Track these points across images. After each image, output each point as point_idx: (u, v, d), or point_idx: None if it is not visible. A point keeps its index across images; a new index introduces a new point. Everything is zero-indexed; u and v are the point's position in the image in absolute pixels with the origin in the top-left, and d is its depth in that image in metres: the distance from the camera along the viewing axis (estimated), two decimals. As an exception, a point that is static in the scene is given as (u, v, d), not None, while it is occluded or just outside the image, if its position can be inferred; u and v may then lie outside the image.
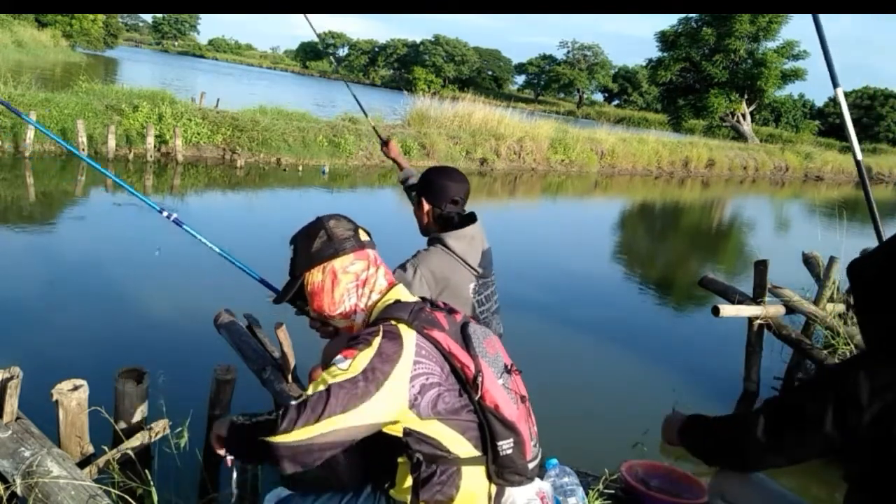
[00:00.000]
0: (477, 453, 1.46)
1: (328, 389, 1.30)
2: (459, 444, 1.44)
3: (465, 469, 1.45)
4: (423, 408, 1.38)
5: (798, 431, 1.40)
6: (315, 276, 1.56)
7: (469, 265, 2.25)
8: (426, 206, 2.31)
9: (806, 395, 1.43)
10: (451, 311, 1.55)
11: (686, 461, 3.31)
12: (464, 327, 1.51)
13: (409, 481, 1.44)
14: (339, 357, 1.36)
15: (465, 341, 1.47)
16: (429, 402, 1.39)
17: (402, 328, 1.40)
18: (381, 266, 1.60)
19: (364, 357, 1.33)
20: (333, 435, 1.30)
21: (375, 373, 1.32)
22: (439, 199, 2.27)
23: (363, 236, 1.60)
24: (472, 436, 1.46)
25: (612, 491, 2.26)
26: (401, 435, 1.41)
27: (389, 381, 1.34)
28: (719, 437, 1.60)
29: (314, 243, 1.54)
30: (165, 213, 2.12)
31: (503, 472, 1.48)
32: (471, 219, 2.33)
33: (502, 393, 1.47)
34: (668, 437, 1.80)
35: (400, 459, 1.46)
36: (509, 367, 1.56)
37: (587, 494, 2.10)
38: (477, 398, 1.43)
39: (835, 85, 2.10)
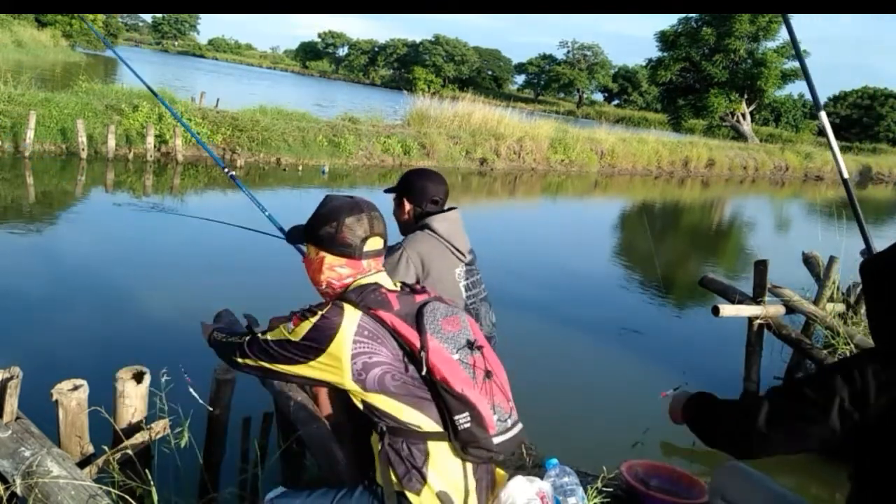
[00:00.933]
0: (440, 429, 1.48)
1: (278, 342, 1.50)
2: (418, 419, 1.47)
3: (431, 444, 1.47)
4: (368, 382, 1.45)
5: (802, 420, 1.39)
6: (310, 250, 1.64)
7: (455, 248, 2.29)
8: (407, 206, 2.38)
9: (813, 384, 1.43)
10: (413, 292, 1.58)
11: (686, 461, 3.31)
12: (422, 306, 1.53)
13: (379, 453, 1.47)
14: (290, 322, 1.50)
15: (418, 319, 1.50)
16: (374, 379, 1.44)
17: (347, 307, 1.47)
18: (372, 275, 1.59)
19: (305, 325, 1.46)
20: (281, 375, 1.54)
21: (311, 343, 1.45)
22: (420, 199, 2.34)
23: (370, 246, 1.58)
24: (432, 412, 1.48)
25: (611, 489, 2.26)
26: (360, 405, 1.48)
27: (324, 357, 1.45)
28: (723, 421, 1.59)
29: (324, 226, 1.57)
30: (226, 170, 2.70)
31: (467, 447, 1.48)
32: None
33: (453, 367, 1.48)
34: (673, 415, 1.78)
35: (372, 439, 1.50)
36: (473, 342, 1.56)
37: (586, 493, 2.10)
38: (423, 373, 1.46)
39: (818, 109, 2.12)
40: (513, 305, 5.39)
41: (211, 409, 2.50)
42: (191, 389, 2.04)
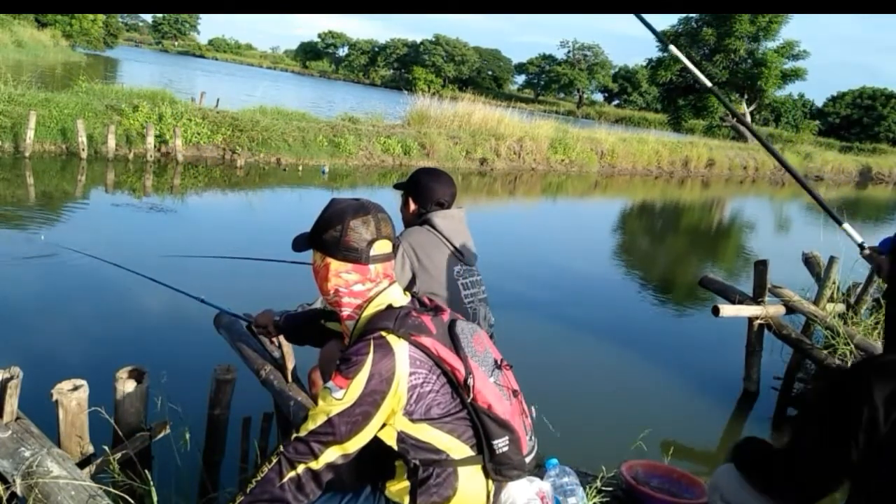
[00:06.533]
0: (472, 453, 1.46)
1: (329, 421, 1.35)
2: (454, 446, 1.44)
3: (461, 469, 1.45)
4: (416, 413, 1.40)
5: (821, 466, 1.34)
6: (316, 258, 1.55)
7: (454, 246, 2.29)
8: (412, 206, 2.37)
9: (817, 422, 1.35)
10: (437, 312, 1.52)
11: (686, 461, 3.31)
12: (451, 327, 1.49)
13: (405, 483, 1.45)
14: (332, 384, 1.36)
15: (454, 342, 1.46)
16: (422, 408, 1.40)
17: (392, 339, 1.38)
18: (380, 282, 1.53)
19: (358, 384, 1.34)
20: (344, 457, 1.39)
21: (373, 396, 1.35)
22: (426, 201, 2.34)
23: (378, 250, 1.50)
24: (468, 437, 1.46)
25: (611, 490, 2.26)
26: (395, 443, 1.41)
27: (388, 399, 1.36)
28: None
29: (328, 231, 1.50)
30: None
31: (501, 468, 1.49)
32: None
33: (494, 391, 1.47)
34: None
35: (396, 463, 1.47)
36: (499, 362, 1.55)
37: (586, 493, 2.10)
38: (469, 400, 1.43)
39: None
40: (512, 305, 5.39)
41: (211, 409, 2.51)
42: None
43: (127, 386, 2.20)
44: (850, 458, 1.25)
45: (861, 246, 1.94)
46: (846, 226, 1.99)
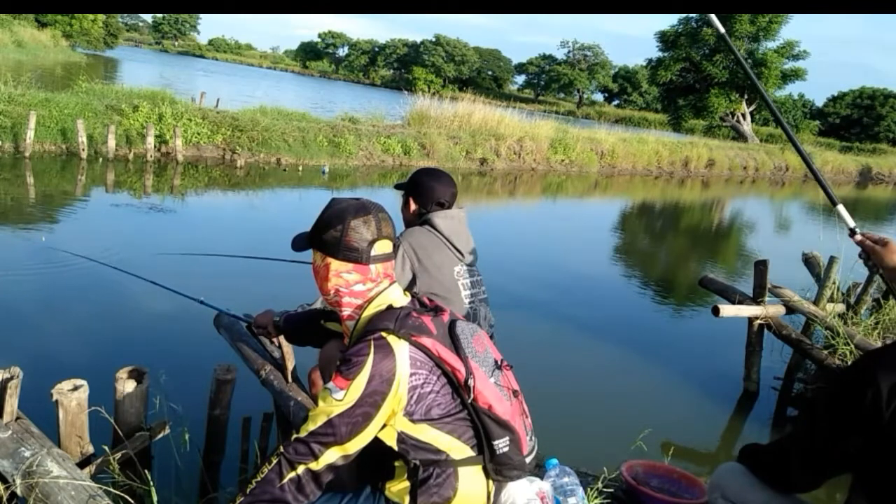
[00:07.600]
0: (473, 453, 1.46)
1: (330, 422, 1.35)
2: (455, 447, 1.44)
3: (461, 470, 1.45)
4: (416, 413, 1.39)
5: (828, 456, 1.36)
6: (317, 257, 1.55)
7: (454, 247, 2.29)
8: (413, 206, 2.38)
9: (826, 416, 1.38)
10: (437, 312, 1.52)
11: (686, 461, 3.32)
12: (451, 327, 1.49)
13: (405, 483, 1.45)
14: (332, 385, 1.35)
15: (454, 342, 1.46)
16: (423, 409, 1.40)
17: (392, 340, 1.38)
18: (381, 282, 1.52)
19: (358, 385, 1.34)
20: (344, 458, 1.39)
21: (373, 397, 1.35)
22: (426, 201, 2.34)
23: (378, 250, 1.50)
24: (468, 437, 1.46)
25: (612, 490, 2.26)
26: (395, 443, 1.41)
27: (388, 400, 1.36)
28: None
29: (329, 231, 1.49)
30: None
31: (501, 469, 1.49)
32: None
33: (495, 392, 1.47)
34: None
35: (396, 463, 1.47)
36: (499, 362, 1.55)
37: (586, 493, 2.10)
38: (470, 401, 1.43)
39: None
40: (512, 305, 5.39)
41: (211, 409, 2.51)
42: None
43: (127, 386, 2.20)
44: (853, 446, 1.27)
45: (853, 231, 1.92)
46: (840, 207, 1.96)
